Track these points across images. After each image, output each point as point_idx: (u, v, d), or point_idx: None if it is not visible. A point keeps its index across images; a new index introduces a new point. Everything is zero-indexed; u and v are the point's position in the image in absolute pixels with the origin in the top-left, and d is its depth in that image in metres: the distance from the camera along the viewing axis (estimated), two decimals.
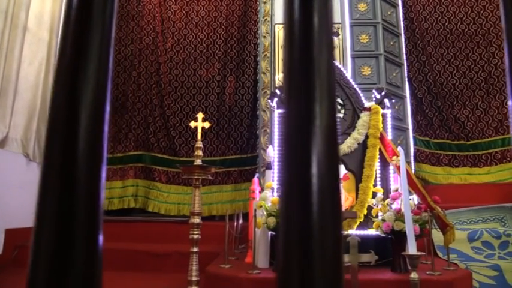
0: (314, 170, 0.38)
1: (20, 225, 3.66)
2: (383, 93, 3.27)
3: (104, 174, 0.36)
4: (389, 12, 4.47)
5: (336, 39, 3.81)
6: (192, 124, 2.50)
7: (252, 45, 4.98)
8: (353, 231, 2.87)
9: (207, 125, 2.51)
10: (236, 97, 4.93)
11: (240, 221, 3.57)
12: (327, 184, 0.39)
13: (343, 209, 3.00)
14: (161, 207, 4.58)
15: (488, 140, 4.90)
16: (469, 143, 4.91)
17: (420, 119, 5.00)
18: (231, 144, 4.82)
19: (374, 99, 3.27)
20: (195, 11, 5.23)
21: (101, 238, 0.34)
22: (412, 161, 4.43)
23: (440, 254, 3.30)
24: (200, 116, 2.50)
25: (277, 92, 3.19)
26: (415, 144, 4.82)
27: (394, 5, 4.60)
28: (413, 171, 4.47)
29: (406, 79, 4.57)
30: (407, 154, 4.22)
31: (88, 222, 0.34)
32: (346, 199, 3.10)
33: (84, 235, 0.33)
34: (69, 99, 0.36)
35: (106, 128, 0.37)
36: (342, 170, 3.21)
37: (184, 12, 5.24)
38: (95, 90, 0.37)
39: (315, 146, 0.39)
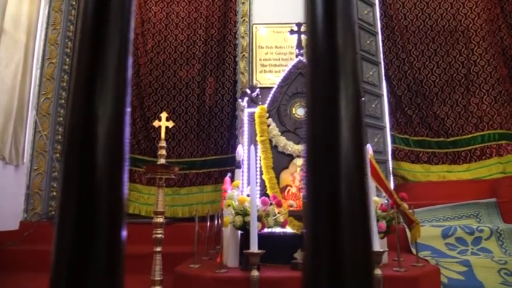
0: (97, 166, 0.40)
1: None
2: None
3: None
4: (365, 12, 4.49)
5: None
6: (156, 124, 2.51)
7: (232, 45, 4.98)
8: None
9: (170, 124, 2.52)
10: (216, 98, 4.93)
11: (219, 221, 3.57)
12: (108, 173, 0.40)
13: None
14: (142, 209, 4.58)
15: (467, 137, 4.92)
16: (448, 140, 4.93)
17: (399, 117, 5.01)
18: (212, 145, 4.82)
19: None
20: (175, 13, 5.24)
21: None
22: (390, 159, 4.45)
23: (414, 251, 3.31)
24: (164, 115, 2.51)
25: (248, 91, 3.20)
26: (394, 142, 4.84)
27: (371, 4, 4.62)
28: (391, 169, 4.49)
29: (383, 77, 4.59)
30: (384, 152, 4.24)
31: None
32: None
33: None
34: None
35: None
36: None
37: (164, 13, 5.24)
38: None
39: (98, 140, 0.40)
